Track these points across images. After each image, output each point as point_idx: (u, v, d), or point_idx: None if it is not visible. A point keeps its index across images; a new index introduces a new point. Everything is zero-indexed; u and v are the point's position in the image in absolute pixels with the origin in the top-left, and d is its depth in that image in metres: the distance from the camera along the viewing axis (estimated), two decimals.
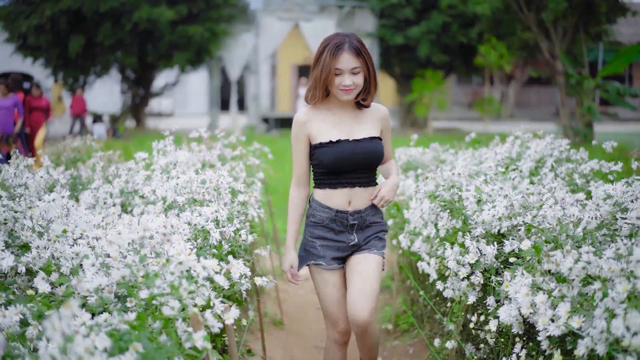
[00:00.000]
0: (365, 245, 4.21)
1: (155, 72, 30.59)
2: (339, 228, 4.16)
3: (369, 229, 4.22)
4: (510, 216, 4.22)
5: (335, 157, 4.07)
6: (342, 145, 4.09)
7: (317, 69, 4.01)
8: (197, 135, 6.58)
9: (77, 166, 6.56)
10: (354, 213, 4.16)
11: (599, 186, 4.42)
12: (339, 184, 4.14)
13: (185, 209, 4.52)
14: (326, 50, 3.98)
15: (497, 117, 37.05)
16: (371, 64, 4.09)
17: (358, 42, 4.02)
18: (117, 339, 2.67)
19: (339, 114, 4.18)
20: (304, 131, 4.16)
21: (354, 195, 4.15)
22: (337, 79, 4.01)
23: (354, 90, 4.04)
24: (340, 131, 4.13)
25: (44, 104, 15.34)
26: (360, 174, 4.14)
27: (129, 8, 26.46)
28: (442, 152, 7.58)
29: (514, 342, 3.82)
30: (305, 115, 4.17)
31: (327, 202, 4.17)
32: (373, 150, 4.12)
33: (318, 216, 4.19)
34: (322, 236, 4.19)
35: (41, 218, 3.90)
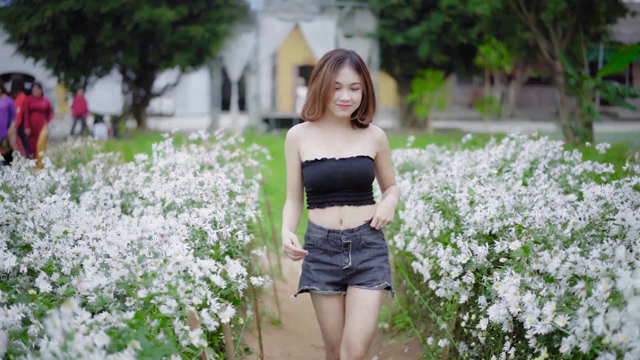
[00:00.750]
0: (366, 277, 4.05)
1: (156, 72, 30.68)
2: (332, 249, 4.03)
3: (366, 250, 4.05)
4: (502, 217, 4.31)
5: (316, 176, 3.98)
6: (325, 164, 3.99)
7: (317, 82, 3.94)
8: (196, 137, 6.66)
9: (78, 167, 6.64)
10: (346, 232, 4.01)
11: (590, 187, 4.50)
12: (326, 202, 4.02)
13: (183, 210, 4.61)
14: (327, 63, 3.92)
15: (497, 117, 37.13)
16: (370, 82, 4.00)
17: (359, 59, 3.97)
18: (115, 337, 2.76)
19: (331, 133, 4.08)
20: (295, 147, 4.08)
21: (345, 214, 4.02)
22: (335, 94, 3.92)
23: (351, 106, 3.95)
24: (328, 150, 4.03)
25: (45, 104, 15.20)
26: (347, 192, 4.01)
27: (130, 9, 26.54)
28: (439, 153, 7.65)
29: (504, 341, 3.91)
30: (298, 131, 4.09)
31: (319, 222, 4.06)
32: (357, 170, 3.99)
33: (313, 237, 4.07)
34: (316, 259, 4.07)
35: (42, 219, 3.98)
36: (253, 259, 5.13)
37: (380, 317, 6.73)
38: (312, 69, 4.40)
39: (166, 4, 27.21)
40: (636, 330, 2.48)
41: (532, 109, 44.30)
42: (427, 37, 29.61)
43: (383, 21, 30.56)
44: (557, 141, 6.60)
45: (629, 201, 4.55)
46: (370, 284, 4.03)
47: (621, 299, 2.67)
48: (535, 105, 45.37)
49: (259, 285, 4.11)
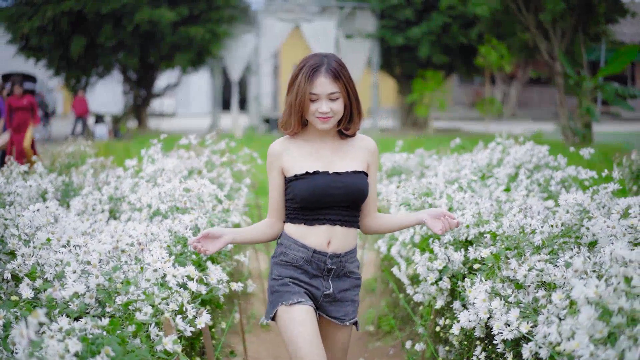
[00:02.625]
0: (339, 310, 3.67)
1: (157, 72, 30.81)
2: (314, 272, 3.61)
3: (346, 279, 3.69)
4: (478, 224, 4.40)
5: (310, 191, 3.56)
6: (319, 177, 3.58)
7: (292, 94, 3.55)
8: (186, 142, 6.75)
9: (70, 172, 6.74)
10: (332, 256, 3.61)
11: (564, 194, 4.58)
12: (315, 220, 3.60)
13: (168, 217, 4.71)
14: (301, 73, 3.53)
15: (498, 117, 37.20)
16: (352, 88, 3.59)
17: (337, 64, 3.55)
18: (90, 343, 2.86)
19: (317, 145, 3.67)
20: (276, 164, 3.66)
21: (334, 235, 3.61)
22: (312, 106, 3.53)
23: (331, 118, 3.55)
24: (317, 162, 3.62)
25: (26, 103, 14.74)
26: (340, 210, 3.62)
27: (130, 9, 26.65)
28: (428, 157, 7.74)
29: (477, 345, 4.01)
30: (280, 145, 3.68)
31: (302, 239, 3.61)
32: (355, 187, 3.61)
33: (291, 255, 3.62)
34: (294, 277, 3.61)
35: (27, 226, 4.07)
36: (239, 263, 5.21)
37: (367, 320, 6.83)
38: None
39: (167, 4, 27.32)
40: (585, 338, 2.57)
41: (533, 109, 44.34)
42: (427, 38, 29.71)
43: (383, 21, 30.66)
44: (544, 146, 6.68)
45: (606, 207, 4.65)
46: (342, 319, 3.67)
47: (576, 308, 2.77)
48: (536, 105, 45.41)
49: (238, 290, 4.22)
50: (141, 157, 6.55)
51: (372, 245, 7.23)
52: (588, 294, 2.66)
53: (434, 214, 3.66)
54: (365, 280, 7.99)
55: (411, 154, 7.78)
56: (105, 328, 3.01)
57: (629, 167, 7.02)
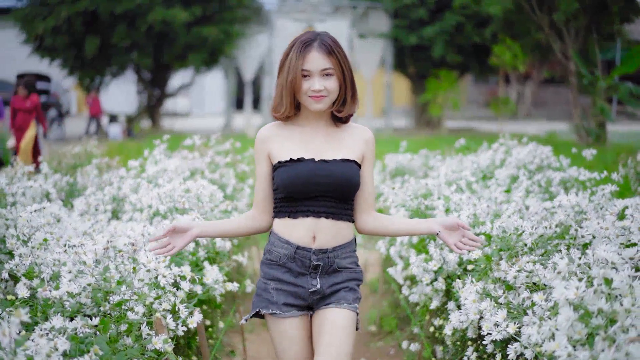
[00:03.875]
0: (333, 297, 3.40)
1: (171, 72, 30.92)
2: (299, 269, 3.36)
3: (337, 274, 3.41)
4: (474, 224, 4.43)
5: (292, 178, 3.30)
6: (303, 164, 3.32)
7: (283, 72, 3.31)
8: (190, 143, 6.81)
9: (76, 172, 6.81)
10: (318, 252, 3.34)
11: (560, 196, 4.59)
12: (299, 212, 3.35)
13: (167, 217, 4.76)
14: (292, 49, 3.30)
15: (513, 117, 37.11)
16: (347, 67, 3.35)
17: (331, 40, 3.32)
18: (79, 342, 2.91)
19: (308, 131, 3.42)
20: (264, 150, 3.42)
21: (320, 229, 3.34)
22: (305, 84, 3.29)
23: (326, 97, 3.30)
24: (306, 149, 3.37)
25: (29, 105, 14.51)
26: (327, 201, 3.34)
27: (144, 10, 26.76)
28: (432, 158, 7.76)
29: (469, 345, 4.04)
30: (268, 131, 3.44)
31: (286, 235, 3.37)
32: (342, 176, 3.33)
33: (275, 253, 3.38)
34: (277, 277, 3.38)
35: (26, 227, 4.12)
36: (240, 263, 5.25)
37: (369, 320, 6.86)
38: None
39: (180, 5, 27.41)
40: (564, 339, 2.60)
41: (548, 108, 44.19)
42: (440, 37, 29.67)
43: (397, 21, 30.64)
44: (546, 146, 6.70)
45: (603, 209, 4.67)
46: (338, 302, 3.38)
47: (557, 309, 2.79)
48: (552, 105, 45.24)
49: (234, 290, 4.26)
50: (146, 158, 6.61)
51: (374, 245, 7.25)
52: (568, 296, 2.69)
53: (448, 224, 3.40)
54: (369, 281, 8.02)
55: (415, 154, 7.80)
56: (97, 328, 3.06)
57: (634, 167, 7.01)
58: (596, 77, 21.65)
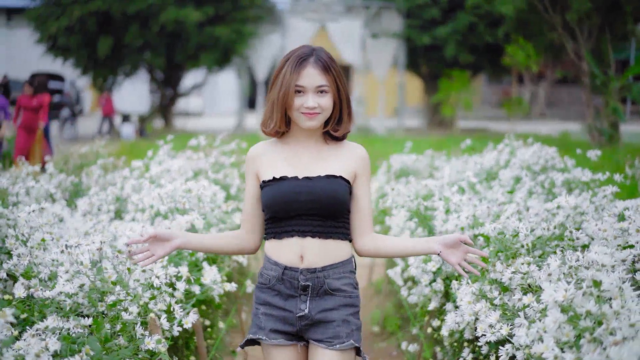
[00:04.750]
0: (324, 331, 3.21)
1: (183, 72, 31.00)
2: (288, 291, 3.21)
3: (329, 298, 3.22)
4: (473, 226, 4.43)
5: (273, 198, 3.19)
6: (285, 183, 3.19)
7: (276, 87, 3.18)
8: (195, 143, 6.83)
9: (82, 172, 6.84)
10: (306, 271, 3.19)
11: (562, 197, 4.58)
12: (284, 232, 3.21)
13: (167, 217, 4.78)
14: (287, 64, 3.18)
15: (527, 117, 37.00)
16: (343, 85, 3.24)
17: (327, 56, 3.23)
18: (71, 342, 2.93)
19: (297, 149, 3.29)
20: (252, 168, 3.31)
21: (307, 249, 3.19)
22: (297, 100, 3.16)
23: (319, 114, 3.17)
24: (292, 167, 3.24)
25: (35, 103, 14.39)
26: (312, 220, 3.19)
27: (156, 10, 26.84)
28: (437, 158, 7.76)
29: (465, 347, 4.04)
30: (257, 149, 3.33)
31: (275, 256, 3.24)
32: (325, 193, 3.18)
33: (265, 275, 3.27)
34: (267, 301, 3.25)
35: (26, 227, 4.14)
36: (239, 264, 5.27)
37: (372, 321, 6.86)
38: (341, 69, 3.33)
39: (192, 4, 27.47)
40: (551, 341, 2.60)
41: (562, 109, 44.03)
42: (453, 37, 29.63)
43: (409, 21, 30.61)
44: (552, 147, 6.68)
45: (605, 210, 4.66)
46: (330, 341, 3.19)
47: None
48: (566, 105, 45.07)
49: (232, 290, 4.28)
50: (151, 158, 6.64)
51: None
52: (557, 298, 2.69)
53: (449, 242, 3.21)
54: (374, 281, 8.02)
55: (420, 154, 7.80)
56: (91, 328, 3.08)
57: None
58: (609, 77, 21.56)
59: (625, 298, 2.67)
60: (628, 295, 2.68)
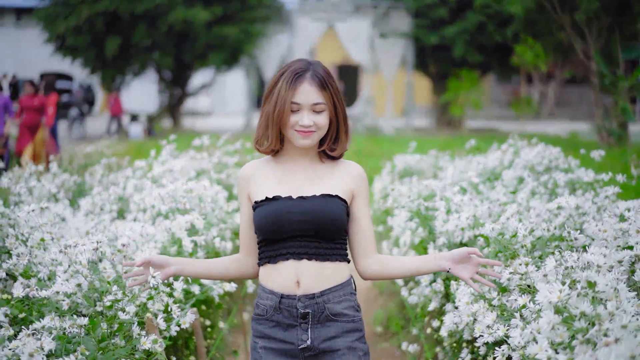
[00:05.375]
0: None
1: (191, 72, 31.06)
2: (287, 320, 3.00)
3: (332, 325, 3.01)
4: (473, 226, 4.42)
5: (265, 219, 3.01)
6: (277, 203, 3.01)
7: (270, 103, 3.02)
8: (198, 143, 6.84)
9: (86, 172, 6.86)
10: (304, 298, 2.99)
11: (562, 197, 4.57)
12: (279, 255, 3.01)
13: (168, 217, 4.79)
14: (282, 79, 3.02)
15: (536, 117, 36.93)
16: (340, 102, 3.08)
17: (324, 72, 3.05)
18: (67, 341, 2.94)
19: (291, 167, 3.12)
20: (244, 189, 3.14)
21: (303, 272, 3.00)
22: (293, 118, 3.00)
23: (314, 133, 3.02)
24: (286, 187, 3.07)
25: (37, 103, 14.20)
26: (308, 241, 3.01)
27: (164, 10, 26.91)
28: (442, 158, 7.75)
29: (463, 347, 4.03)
30: (250, 168, 3.17)
31: (269, 283, 3.04)
32: (321, 213, 3.00)
33: (262, 306, 3.06)
34: (266, 334, 3.03)
35: (26, 226, 4.15)
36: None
37: (375, 321, 6.86)
38: (350, 69, 3.05)
39: (200, 4, 27.53)
40: (545, 342, 2.60)
41: (572, 108, 43.89)
42: (462, 37, 29.59)
43: (418, 21, 30.58)
44: (556, 147, 6.66)
45: (607, 210, 4.64)
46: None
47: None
48: (576, 105, 44.94)
49: (232, 290, 4.28)
50: (155, 157, 6.65)
51: (379, 248, 7.26)
52: (551, 298, 2.68)
53: (457, 256, 3.04)
54: (379, 282, 8.01)
55: (424, 154, 7.80)
56: (87, 328, 3.08)
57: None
58: (618, 77, 21.50)
59: (621, 299, 2.67)
60: (624, 296, 2.68)
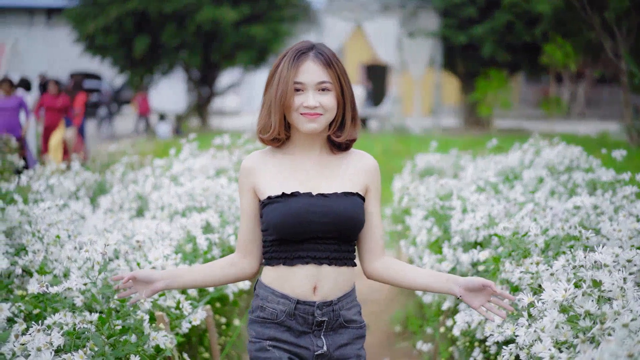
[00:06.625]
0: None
1: (219, 71, 31.17)
2: (300, 327, 2.83)
3: (344, 331, 2.89)
4: (488, 226, 4.41)
5: (284, 217, 2.77)
6: (297, 200, 2.79)
7: (272, 87, 2.82)
8: (219, 142, 6.88)
9: (108, 170, 6.93)
10: (322, 305, 2.82)
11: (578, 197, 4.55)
12: (297, 258, 2.80)
13: (185, 215, 4.83)
14: (284, 60, 2.81)
15: (566, 116, 36.66)
16: (347, 83, 2.85)
17: (329, 52, 2.83)
18: (76, 337, 2.98)
19: (301, 160, 2.89)
20: (248, 183, 2.88)
21: (322, 279, 2.81)
22: (297, 99, 2.78)
23: (320, 116, 2.79)
24: (299, 182, 2.84)
25: (60, 103, 13.98)
26: (328, 244, 2.81)
27: (192, 9, 27.06)
28: (463, 157, 7.74)
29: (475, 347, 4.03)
30: (254, 160, 2.90)
31: (282, 287, 2.82)
32: (345, 213, 2.80)
33: (270, 309, 2.83)
34: (275, 337, 2.82)
35: (43, 223, 4.19)
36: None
37: (394, 320, 6.86)
38: (378, 69, 2.85)
39: (228, 4, 27.63)
40: (548, 341, 2.60)
41: (603, 108, 43.51)
42: (490, 36, 29.43)
43: (446, 20, 30.46)
44: (578, 147, 6.62)
45: (624, 210, 4.61)
46: None
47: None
48: (607, 104, 44.55)
49: (245, 288, 4.31)
50: (177, 155, 6.70)
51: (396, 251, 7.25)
52: (556, 297, 2.68)
53: (472, 285, 2.80)
54: None
55: (445, 154, 7.79)
56: (97, 324, 3.12)
57: None
58: None
59: (628, 298, 2.66)
60: (630, 295, 2.67)
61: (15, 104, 13.18)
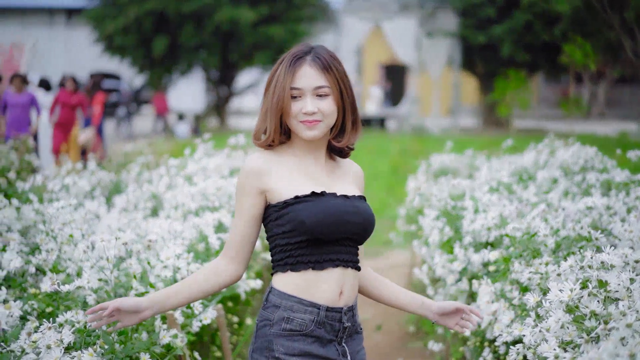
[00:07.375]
0: None
1: (238, 71, 31.26)
2: (328, 336, 2.68)
3: (357, 337, 2.82)
4: (500, 226, 4.42)
5: (323, 215, 2.62)
6: (328, 199, 2.67)
7: (269, 93, 2.72)
8: (234, 142, 6.92)
9: (125, 170, 6.98)
10: (347, 311, 2.72)
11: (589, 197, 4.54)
12: (327, 261, 2.66)
13: (198, 215, 4.86)
14: (281, 65, 2.73)
15: (586, 116, 36.47)
16: (347, 86, 2.75)
17: (328, 54, 2.73)
18: (87, 334, 3.01)
19: (307, 163, 2.77)
20: (256, 184, 2.69)
21: (346, 283, 2.72)
22: (295, 105, 2.68)
23: (320, 123, 2.69)
24: (314, 183, 2.72)
25: (75, 101, 13.78)
26: (350, 247, 2.72)
27: (211, 9, 27.16)
28: (478, 158, 7.73)
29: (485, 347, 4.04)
30: (262, 161, 2.72)
31: (310, 294, 2.65)
32: (370, 215, 2.75)
33: (298, 320, 2.64)
34: (306, 351, 2.64)
35: (56, 223, 4.24)
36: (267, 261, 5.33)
37: (408, 321, 6.86)
38: (396, 69, 2.74)
39: (247, 4, 27.71)
40: (552, 341, 2.60)
41: (623, 108, 43.22)
42: (509, 36, 29.34)
43: (465, 20, 30.40)
44: (593, 147, 6.60)
45: (637, 211, 4.60)
46: None
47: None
48: (628, 104, 44.26)
49: (257, 287, 4.34)
50: (191, 155, 6.74)
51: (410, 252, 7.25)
52: (562, 298, 2.68)
53: (447, 310, 2.87)
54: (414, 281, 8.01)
55: (460, 154, 7.79)
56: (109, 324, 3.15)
57: None
58: None
59: (635, 299, 2.66)
60: (637, 295, 2.67)
61: (27, 101, 13.10)
